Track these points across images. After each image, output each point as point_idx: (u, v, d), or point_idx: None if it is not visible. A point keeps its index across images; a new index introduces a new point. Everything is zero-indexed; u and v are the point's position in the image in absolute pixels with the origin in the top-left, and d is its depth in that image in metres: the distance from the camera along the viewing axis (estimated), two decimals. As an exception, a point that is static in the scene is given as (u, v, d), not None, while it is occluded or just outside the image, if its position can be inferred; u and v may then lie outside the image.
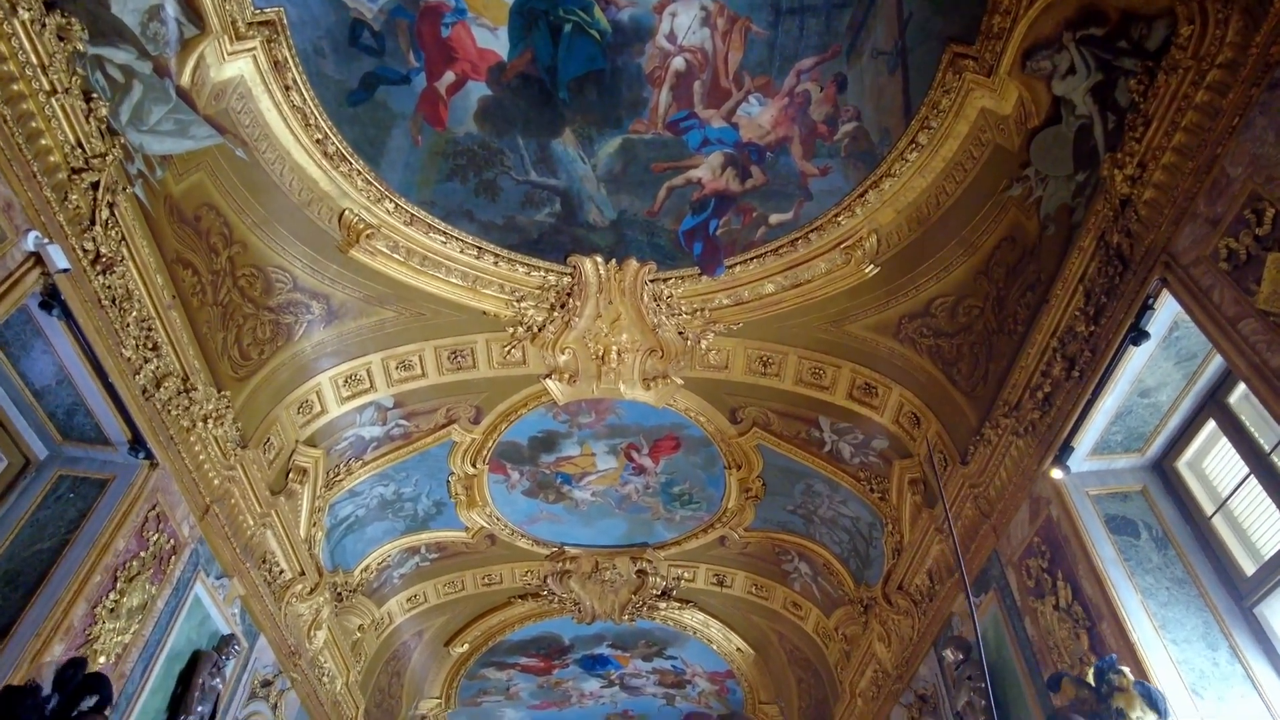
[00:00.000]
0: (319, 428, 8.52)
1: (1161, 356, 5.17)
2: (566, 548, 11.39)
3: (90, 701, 4.26)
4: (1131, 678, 4.28)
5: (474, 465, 9.86)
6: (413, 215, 7.32)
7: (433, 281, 7.85)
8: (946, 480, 7.41)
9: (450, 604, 11.94)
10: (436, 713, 13.61)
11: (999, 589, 6.61)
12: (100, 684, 4.38)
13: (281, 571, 8.24)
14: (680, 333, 8.43)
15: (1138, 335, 4.83)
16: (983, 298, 7.02)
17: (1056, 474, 5.71)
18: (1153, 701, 4.16)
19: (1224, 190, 4.27)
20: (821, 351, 8.39)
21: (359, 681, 10.76)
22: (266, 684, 8.02)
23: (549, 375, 8.88)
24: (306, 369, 8.02)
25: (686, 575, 11.82)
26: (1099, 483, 5.76)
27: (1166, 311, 4.82)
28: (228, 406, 6.93)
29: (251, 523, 7.52)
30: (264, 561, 7.88)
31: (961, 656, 6.79)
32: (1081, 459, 5.75)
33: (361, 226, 7.24)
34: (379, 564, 10.51)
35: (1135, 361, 5.17)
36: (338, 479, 9.09)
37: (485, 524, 10.68)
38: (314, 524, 8.84)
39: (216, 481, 6.93)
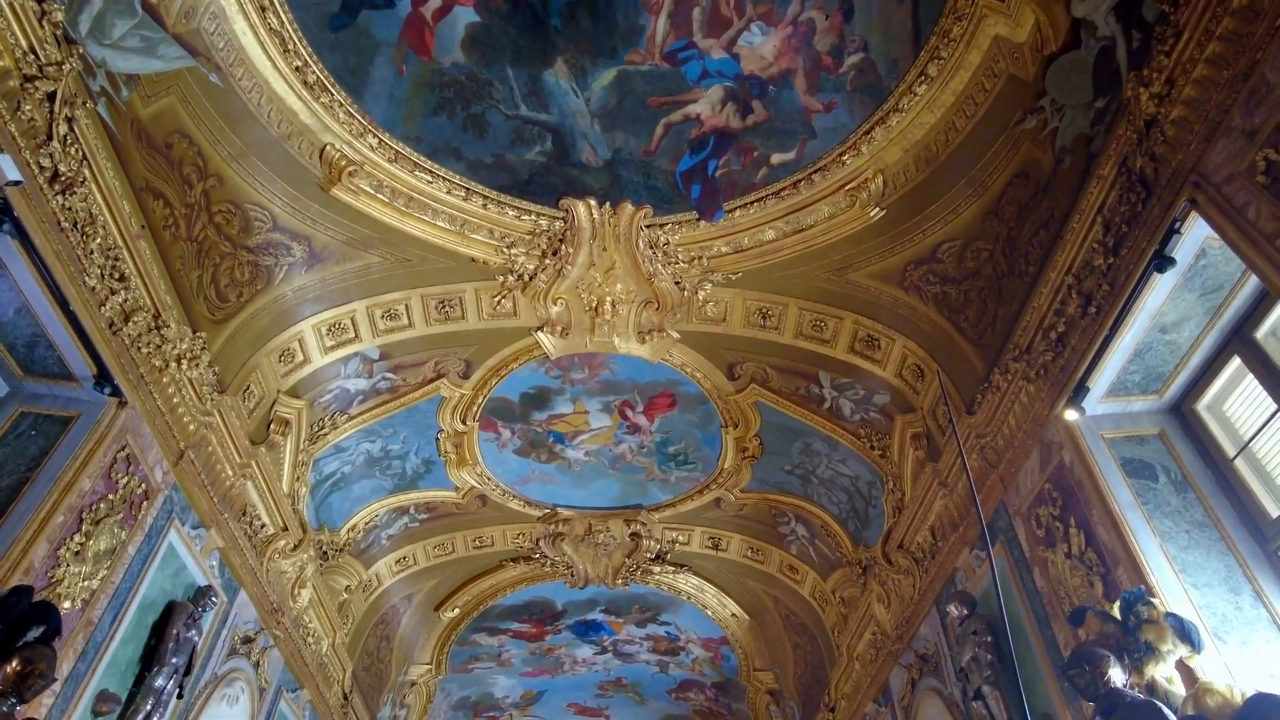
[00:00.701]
0: (302, 378, 8.23)
1: (1185, 288, 4.90)
2: (559, 509, 11.14)
3: (36, 632, 3.99)
4: (1162, 609, 4.05)
5: (464, 422, 9.58)
6: (397, 152, 6.99)
7: (419, 224, 7.53)
8: (951, 432, 7.15)
9: (440, 567, 11.70)
10: (427, 679, 13.43)
11: (1006, 541, 6.37)
12: (48, 613, 4.10)
13: (263, 526, 7.97)
14: (677, 282, 8.14)
15: (1162, 262, 4.55)
16: (992, 240, 6.73)
17: (1071, 415, 5.45)
18: (1185, 633, 3.93)
19: (1263, 99, 3.97)
20: (823, 302, 8.10)
21: (346, 644, 10.54)
22: (248, 640, 7.77)
23: (540, 328, 8.58)
24: (288, 315, 7.71)
25: (681, 538, 11.60)
26: (1114, 426, 5.51)
27: (1194, 236, 4.54)
28: (203, 348, 6.63)
29: (230, 473, 7.24)
30: (244, 514, 7.61)
31: (965, 612, 6.57)
32: (1097, 401, 5.49)
33: (344, 163, 6.91)
34: (366, 524, 10.26)
35: (1156, 294, 4.90)
36: (322, 433, 8.81)
37: (476, 484, 10.43)
38: (297, 479, 8.57)
39: (192, 427, 6.65)
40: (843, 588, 10.13)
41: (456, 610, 12.53)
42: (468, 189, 7.38)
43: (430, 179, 7.26)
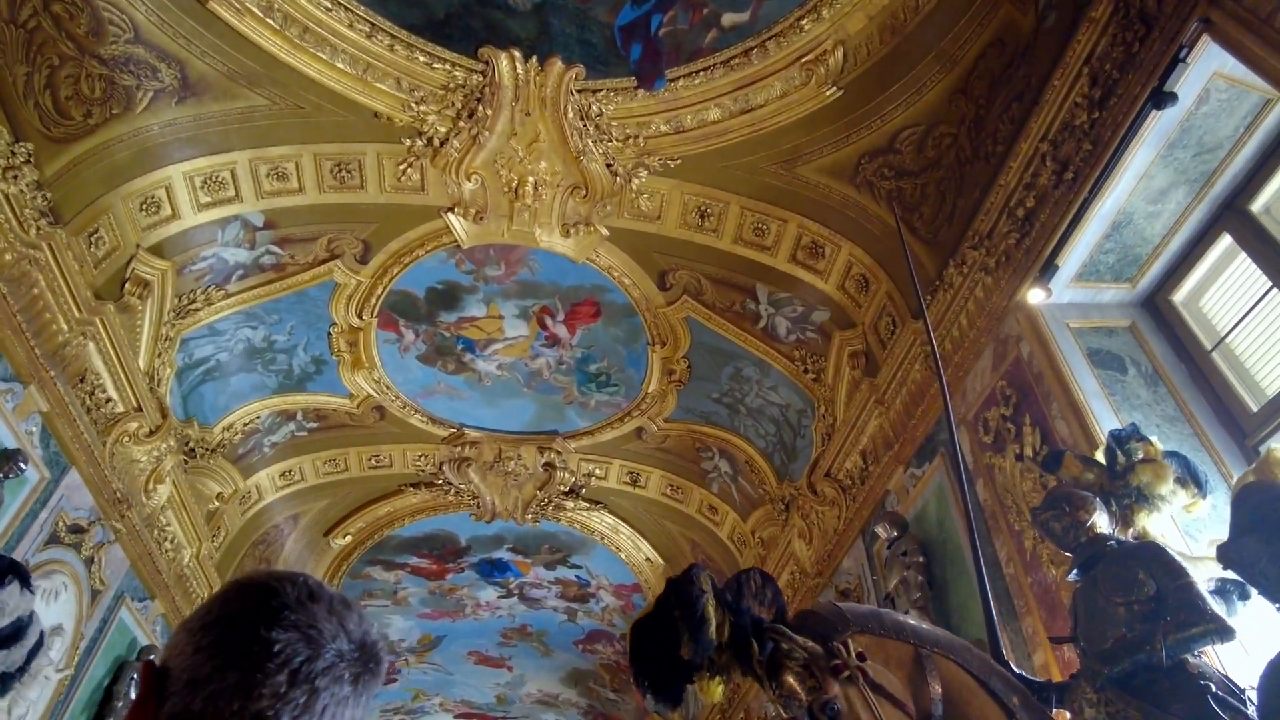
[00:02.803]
0: (169, 236, 7.13)
1: (1179, 145, 4.26)
2: (466, 430, 10.21)
3: None
4: (1160, 446, 3.39)
5: (360, 316, 8.57)
6: (290, -37, 5.96)
7: (314, 63, 6.51)
8: (895, 341, 6.51)
9: (331, 486, 10.67)
10: (314, 613, 12.40)
11: (946, 454, 5.74)
12: None
13: (109, 400, 6.88)
14: (609, 165, 7.28)
15: (1161, 99, 3.89)
16: (957, 123, 6.05)
17: (1035, 298, 4.81)
18: (1191, 474, 3.28)
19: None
20: (768, 201, 7.36)
21: (216, 559, 9.47)
22: (78, 530, 6.70)
23: (452, 208, 7.64)
24: (153, 155, 6.62)
25: (598, 472, 10.79)
26: (1081, 315, 4.89)
27: (1201, 69, 3.91)
28: (28, 162, 5.53)
29: (65, 326, 6.15)
30: (82, 380, 6.52)
31: (895, 533, 5.93)
32: (1065, 284, 4.87)
33: (224, -31, 5.85)
34: (246, 425, 9.18)
35: (1146, 148, 4.27)
36: (193, 308, 7.72)
37: (373, 392, 9.43)
38: (159, 356, 7.49)
39: (9, 256, 5.54)
40: (763, 528, 9.48)
41: (349, 537, 11.51)
42: (373, 24, 6.38)
43: (330, 6, 6.25)
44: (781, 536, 8.81)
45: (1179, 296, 4.80)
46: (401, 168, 7.31)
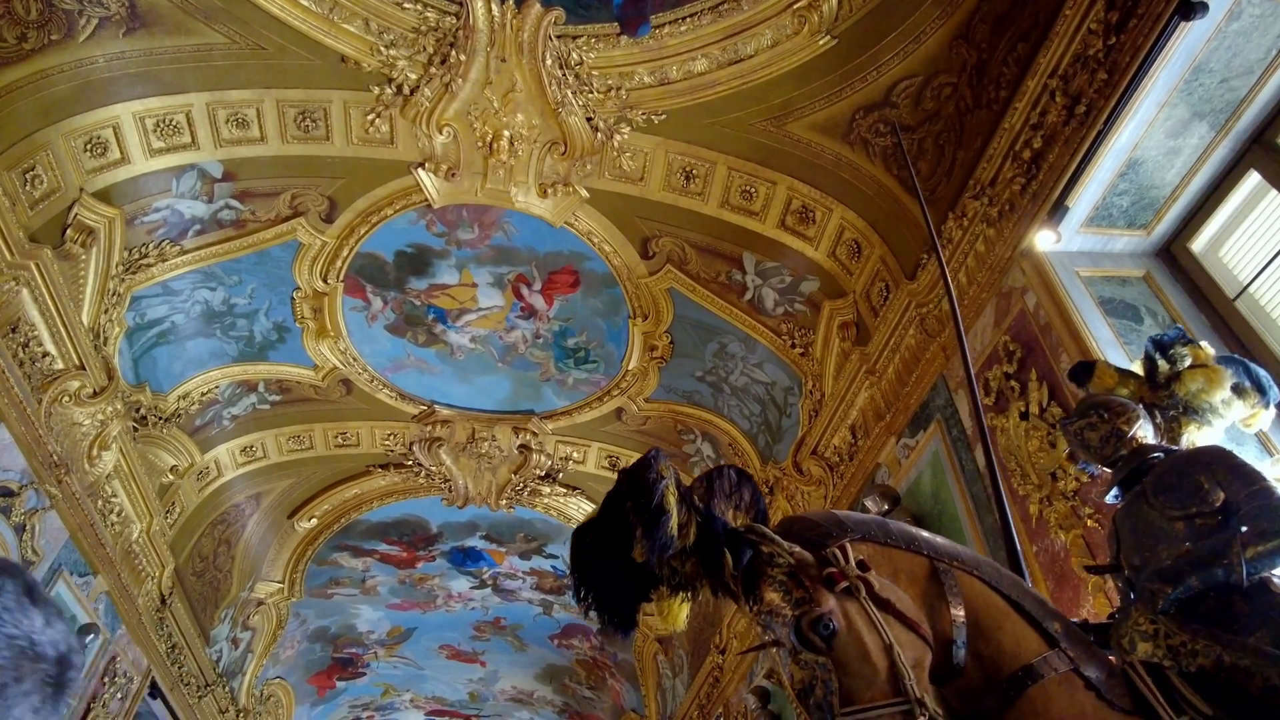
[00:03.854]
0: (117, 182, 6.68)
1: (1204, 70, 3.90)
2: (437, 407, 9.76)
3: None
4: (1210, 350, 2.98)
5: (325, 280, 8.12)
6: (247, -121, 5.55)
7: (276, -2, 6.09)
8: (888, 307, 6.13)
9: (296, 465, 10.19)
10: (278, 600, 11.89)
11: (943, 419, 5.36)
12: None
13: (46, 355, 6.41)
14: (589, 119, 6.89)
15: (1189, 8, 3.52)
16: (958, 71, 5.67)
17: (1045, 240, 4.44)
18: (1254, 378, 2.85)
19: None
20: (756, 161, 6.97)
21: (169, 537, 8.97)
22: (7, 494, 6.22)
23: (422, 164, 7.23)
24: (98, 90, 6.17)
25: (576, 455, 10.36)
26: (1092, 264, 4.52)
27: (1234, -25, 3.53)
28: (-51, 80, 5.07)
29: (-7, 268, 5.69)
30: (14, 330, 6.05)
31: (886, 507, 5.53)
32: (1074, 230, 4.50)
33: (175, -118, 5.43)
34: (203, 394, 8.70)
35: (1167, 75, 3.89)
36: (145, 262, 7.25)
37: (338, 363, 8.97)
38: (106, 312, 7.01)
39: (-74, 184, 5.09)
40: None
41: (314, 520, 11.02)
42: (339, -44, 5.98)
43: (292, -66, 5.84)
44: (764, 521, 8.39)
45: (1197, 245, 4.44)
46: (370, 118, 6.90)
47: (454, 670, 15.00)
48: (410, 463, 10.38)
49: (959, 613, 1.91)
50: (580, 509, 10.99)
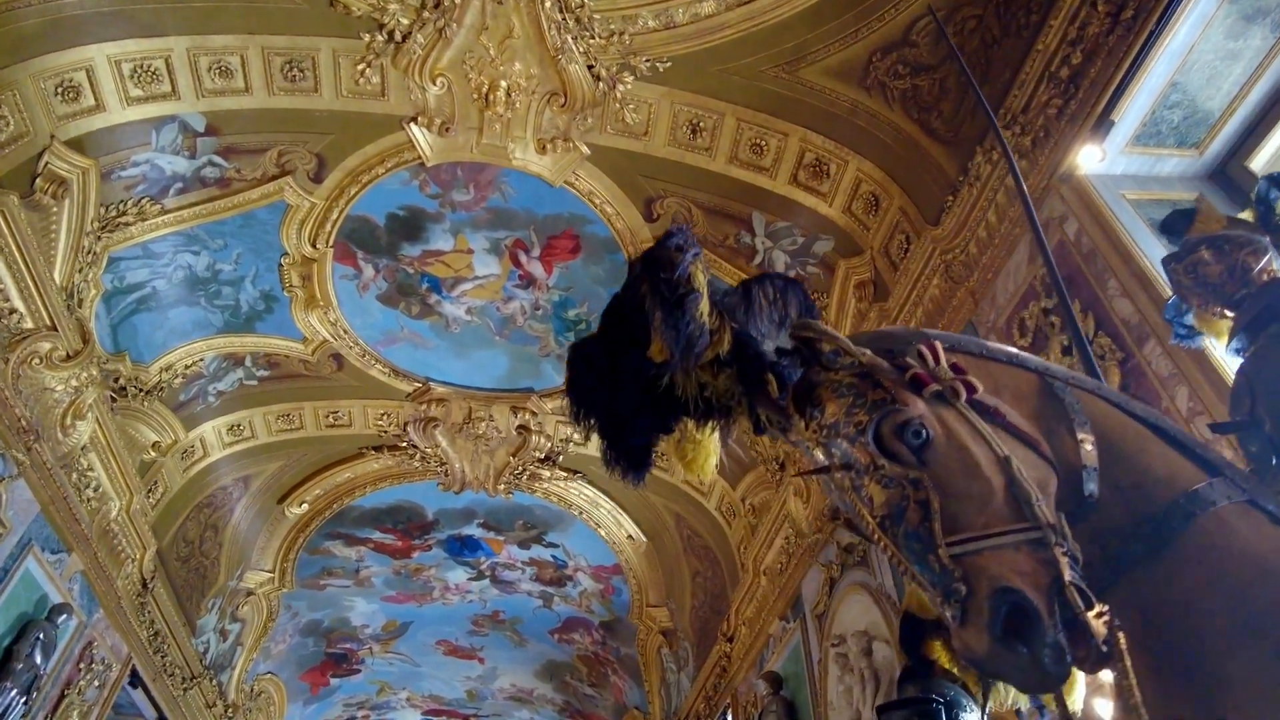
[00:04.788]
0: (92, 131, 6.32)
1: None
2: (432, 384, 9.37)
3: None
4: None
5: (314, 245, 7.76)
6: None
7: (259, -69, 5.75)
8: (908, 259, 5.76)
9: (286, 446, 9.80)
10: (268, 590, 11.49)
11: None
12: None
13: (13, 311, 6.05)
14: (590, 67, 6.53)
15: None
16: (983, 2, 5.30)
17: (1089, 158, 4.07)
18: None
19: None
20: (767, 111, 6.60)
21: (152, 519, 8.58)
22: (-31, 456, 5.85)
23: (415, 118, 6.87)
24: (68, 28, 5.82)
25: (577, 436, 9.95)
26: (1138, 187, 4.14)
27: None
28: (-97, 2, 4.72)
29: (-48, 212, 5.33)
30: (-23, 281, 5.69)
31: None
32: (1119, 150, 4.12)
33: None
34: (187, 367, 8.32)
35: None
36: (123, 221, 6.89)
37: (328, 336, 8.59)
38: (81, 272, 6.65)
39: (-123, 113, 4.73)
40: (754, 492, 8.68)
41: (305, 506, 10.63)
42: (325, -115, 5.64)
43: None
44: (775, 500, 8.00)
45: (1256, 163, 4.07)
46: (360, 68, 6.54)
47: (451, 667, 14.56)
48: (405, 444, 10.00)
49: (1086, 435, 1.51)
50: (581, 494, 10.61)
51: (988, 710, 2.07)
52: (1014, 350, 1.69)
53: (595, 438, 1.72)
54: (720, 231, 7.47)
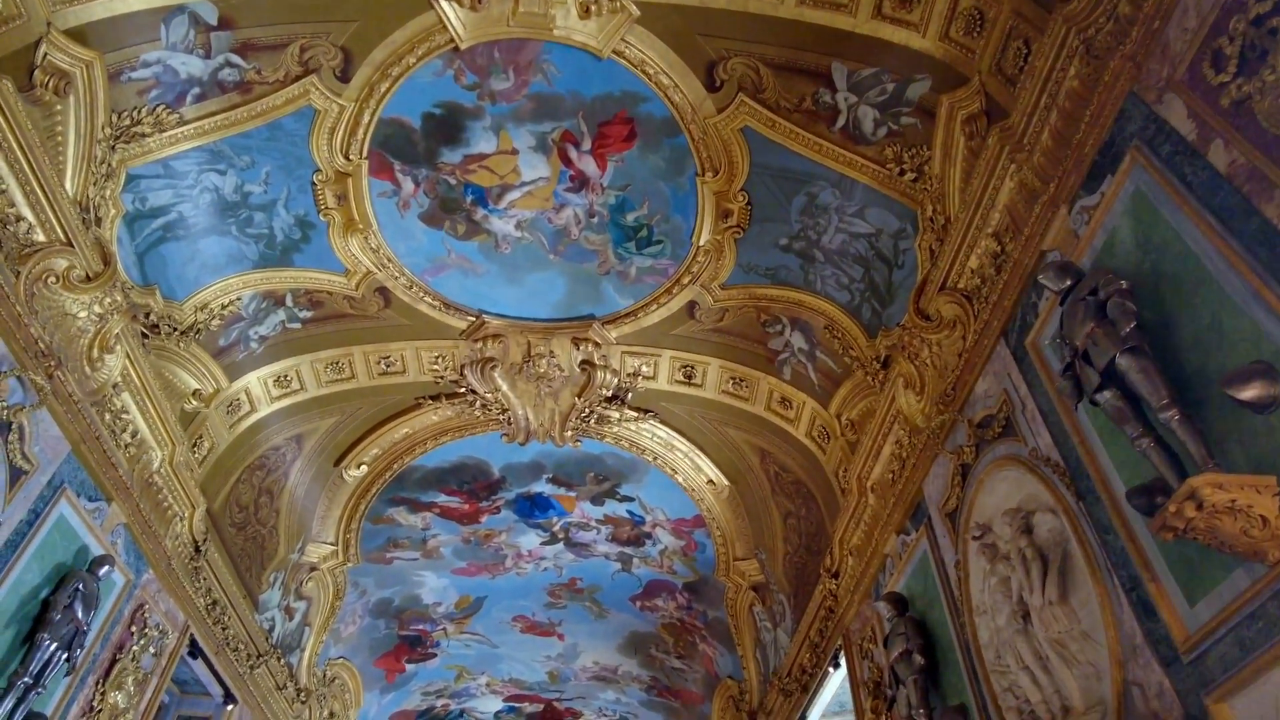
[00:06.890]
0: (93, 20, 5.73)
1: None
2: (487, 318, 8.64)
3: None
4: None
5: (347, 156, 7.09)
6: None
7: None
8: (1033, 58, 4.75)
9: (338, 399, 9.19)
10: (333, 566, 10.91)
11: (1144, 143, 3.94)
12: None
13: (20, 219, 5.48)
14: (635, -102, 5.70)
15: None
16: None
17: None
18: None
19: None
20: (844, -76, 5.67)
21: (197, 474, 8.02)
22: (-17, 378, 5.28)
23: (444, -9, 6.13)
24: (55, -107, 5.24)
25: (646, 370, 9.11)
26: None
27: None
28: None
29: (-63, 93, 4.75)
30: (-28, 176, 5.12)
31: (1069, 283, 4.11)
32: None
33: None
34: (224, 308, 7.75)
35: None
36: (139, 130, 6.31)
37: (372, 265, 7.93)
38: (96, 184, 6.09)
39: None
40: (850, 406, 7.69)
41: (364, 468, 10.01)
42: None
43: None
44: (879, 402, 6.99)
45: None
46: (378, -70, 5.84)
47: (530, 646, 13.82)
48: (463, 390, 9.29)
49: None
50: (655, 436, 9.74)
51: None
52: None
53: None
54: (795, 93, 6.53)
